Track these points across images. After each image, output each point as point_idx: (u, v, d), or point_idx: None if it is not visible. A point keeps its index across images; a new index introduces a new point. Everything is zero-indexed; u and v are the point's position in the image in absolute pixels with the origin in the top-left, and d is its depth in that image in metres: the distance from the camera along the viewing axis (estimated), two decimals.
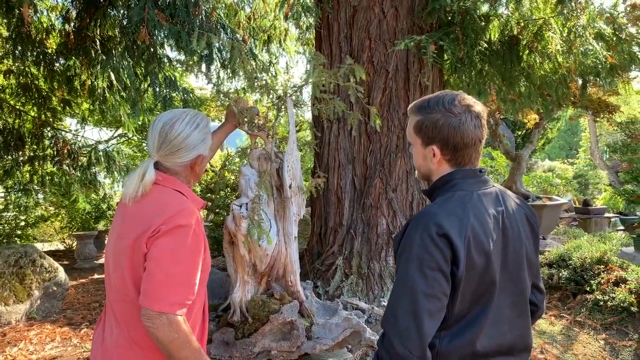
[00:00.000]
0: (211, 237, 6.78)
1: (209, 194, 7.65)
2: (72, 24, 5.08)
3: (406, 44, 3.63)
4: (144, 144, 10.47)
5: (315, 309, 2.67)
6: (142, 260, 1.42)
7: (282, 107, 2.73)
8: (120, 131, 10.31)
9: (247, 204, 2.42)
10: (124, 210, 1.53)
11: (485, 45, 4.26)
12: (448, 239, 1.30)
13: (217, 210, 7.41)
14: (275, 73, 6.00)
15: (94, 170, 6.57)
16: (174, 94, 4.35)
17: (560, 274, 5.15)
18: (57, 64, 5.65)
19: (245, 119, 2.60)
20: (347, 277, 4.13)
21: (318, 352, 2.41)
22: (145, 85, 4.48)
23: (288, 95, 2.66)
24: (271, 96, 2.78)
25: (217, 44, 4.10)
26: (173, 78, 4.30)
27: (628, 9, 6.35)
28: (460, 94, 1.47)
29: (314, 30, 4.98)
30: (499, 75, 4.55)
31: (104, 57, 4.82)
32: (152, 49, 4.48)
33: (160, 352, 1.41)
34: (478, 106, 1.46)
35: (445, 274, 1.30)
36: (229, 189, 7.62)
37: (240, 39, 5.30)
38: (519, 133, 17.20)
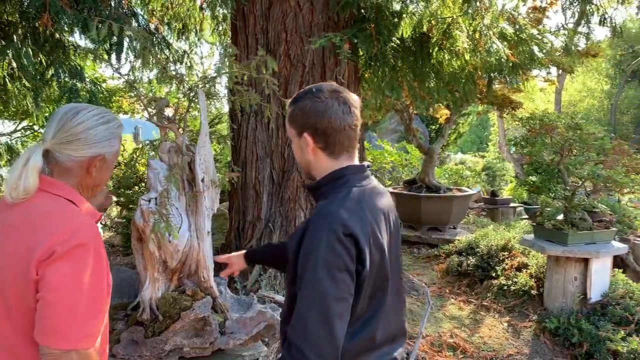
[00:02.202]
0: (125, 234, 6.52)
1: (121, 189, 7.35)
2: None
3: (321, 43, 3.65)
4: None
5: (229, 304, 2.64)
6: (31, 288, 1.19)
7: (194, 98, 2.67)
8: (25, 123, 9.63)
9: (155, 198, 2.34)
10: (6, 215, 1.28)
11: (398, 42, 4.38)
12: (354, 238, 1.30)
13: (130, 206, 7.13)
14: (191, 64, 5.84)
15: None
16: (79, 85, 4.11)
17: (469, 261, 5.43)
18: None
19: (154, 110, 2.52)
20: (265, 271, 4.11)
21: (232, 347, 2.38)
22: (49, 75, 4.21)
23: (199, 86, 2.60)
24: (182, 87, 2.70)
25: (129, 33, 3.93)
26: (79, 67, 4.07)
27: (529, 10, 6.76)
28: (331, 84, 1.49)
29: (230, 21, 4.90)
30: (410, 71, 4.70)
31: (3, 43, 4.48)
32: (56, 36, 4.21)
33: None
34: (347, 94, 1.47)
35: (351, 274, 1.30)
36: (143, 183, 7.36)
37: (154, 27, 5.11)
38: (433, 128, 17.89)
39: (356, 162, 1.52)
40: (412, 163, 10.44)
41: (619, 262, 5.35)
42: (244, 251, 2.08)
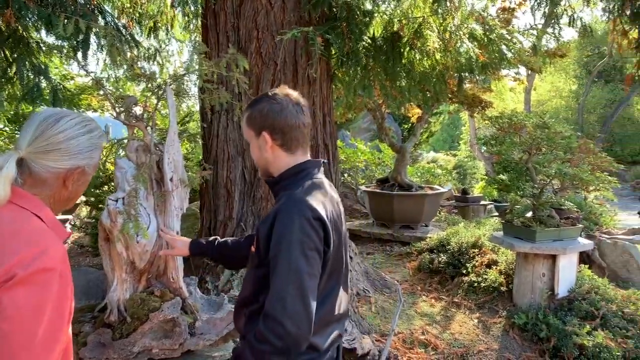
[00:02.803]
0: (94, 235, 6.39)
1: (92, 189, 7.22)
2: None
3: (294, 35, 3.63)
4: (17, 135, 9.60)
5: (199, 305, 2.61)
6: None
7: (163, 96, 2.63)
8: None
9: (123, 198, 2.30)
10: None
11: (370, 41, 4.39)
12: (321, 221, 1.47)
13: (99, 206, 6.99)
14: (162, 61, 5.75)
15: None
16: (44, 84, 4.00)
17: (440, 259, 5.49)
18: None
19: (122, 109, 2.47)
20: (237, 271, 4.08)
21: (202, 347, 2.36)
22: (12, 72, 4.09)
23: (168, 84, 2.56)
24: (150, 85, 2.66)
25: (97, 30, 3.85)
26: (43, 65, 3.96)
27: (499, 11, 6.86)
28: (284, 90, 1.69)
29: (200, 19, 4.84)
30: (382, 70, 4.72)
31: None
32: (20, 33, 4.10)
33: None
34: (299, 97, 1.68)
35: (320, 253, 1.46)
36: (112, 182, 7.23)
37: (121, 25, 5.02)
38: (406, 127, 18.05)
39: (309, 157, 1.71)
40: (385, 162, 10.50)
41: (585, 258, 5.49)
42: (189, 240, 2.15)
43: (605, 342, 3.65)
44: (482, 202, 10.42)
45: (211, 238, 2.10)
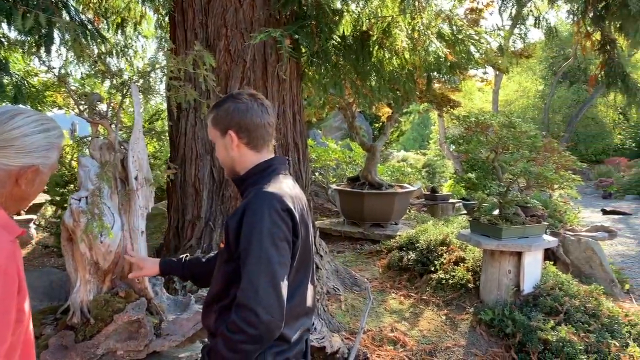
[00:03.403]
0: (59, 235, 6.24)
1: (57, 188, 7.05)
2: None
3: (261, 38, 3.61)
4: None
5: (165, 305, 2.58)
6: None
7: (128, 93, 2.58)
8: None
9: (86, 197, 2.25)
10: None
11: (339, 39, 4.40)
12: (290, 213, 1.51)
13: (65, 205, 6.84)
14: (130, 58, 5.65)
15: None
16: (5, 79, 3.88)
17: (409, 256, 5.54)
18: None
19: (85, 106, 2.42)
20: None
21: (167, 348, 2.32)
22: None
23: (133, 81, 2.51)
24: (115, 82, 2.61)
25: (59, 24, 3.75)
26: (4, 60, 3.84)
27: (467, 11, 6.96)
28: (248, 90, 1.72)
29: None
30: (352, 69, 4.73)
31: None
32: None
33: None
34: (263, 98, 1.71)
35: (289, 244, 1.51)
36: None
37: (87, 19, 4.90)
38: (376, 126, 18.14)
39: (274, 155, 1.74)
40: (356, 160, 10.53)
41: (550, 255, 5.61)
42: (158, 259, 2.11)
43: (569, 337, 3.73)
44: (451, 201, 10.55)
45: (181, 256, 2.08)
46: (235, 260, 1.53)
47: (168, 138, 4.53)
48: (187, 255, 2.07)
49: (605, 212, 12.42)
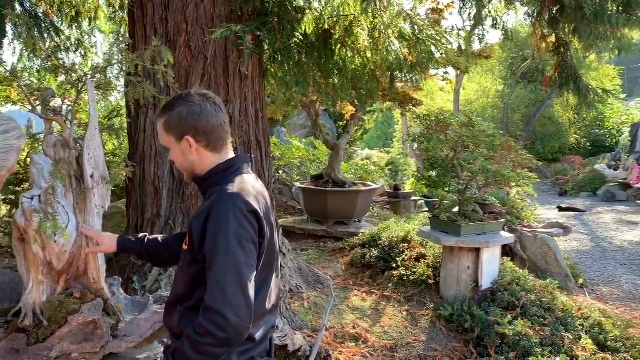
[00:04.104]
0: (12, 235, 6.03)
1: (11, 186, 6.82)
2: None
3: (222, 33, 3.58)
4: None
5: (123, 306, 2.53)
6: None
7: (83, 89, 2.51)
8: None
9: (39, 196, 2.18)
10: None
11: (302, 37, 4.39)
12: (256, 214, 1.50)
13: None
14: (85, 53, 5.50)
15: None
16: None
17: (372, 254, 5.59)
18: None
19: (38, 102, 2.35)
20: (165, 270, 3.98)
21: (125, 350, 2.28)
22: None
23: (88, 77, 2.45)
24: (69, 77, 2.54)
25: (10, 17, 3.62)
26: None
27: (429, 12, 7.05)
28: (195, 88, 1.69)
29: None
30: (315, 67, 4.73)
31: None
32: None
33: None
34: (214, 96, 1.68)
35: (256, 245, 1.50)
36: None
37: (41, 12, 4.76)
38: (341, 124, 18.23)
39: (234, 154, 1.72)
40: (320, 158, 10.56)
41: (507, 251, 5.75)
42: (116, 235, 2.08)
43: (525, 331, 3.84)
44: (413, 198, 10.70)
45: (140, 235, 2.05)
46: (199, 262, 1.52)
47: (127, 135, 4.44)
48: (146, 235, 2.05)
49: (561, 209, 12.81)
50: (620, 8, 5.02)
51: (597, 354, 3.79)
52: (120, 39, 2.52)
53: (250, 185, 1.59)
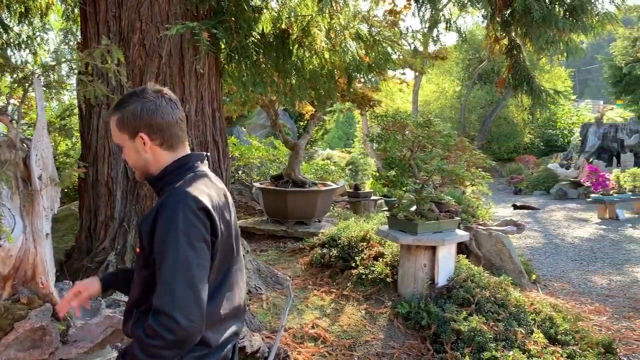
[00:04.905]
0: None
1: None
2: None
3: (178, 30, 3.53)
4: None
5: (73, 311, 2.46)
6: None
7: (30, 88, 2.44)
8: None
9: None
10: None
11: (259, 37, 4.38)
12: (207, 212, 1.44)
13: None
14: (35, 50, 5.32)
15: None
16: None
17: (331, 253, 5.61)
18: None
19: None
20: None
21: (75, 355, 2.22)
22: None
23: (36, 75, 2.37)
24: (16, 76, 2.46)
25: None
26: None
27: (386, 13, 7.13)
28: (150, 84, 1.62)
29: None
30: (273, 66, 4.72)
31: None
32: None
33: None
34: (167, 91, 1.62)
35: (208, 244, 1.44)
36: None
37: None
38: (302, 124, 18.25)
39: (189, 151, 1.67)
40: (280, 158, 10.54)
41: (463, 249, 5.87)
42: (97, 277, 1.87)
43: (479, 326, 3.93)
44: (373, 197, 10.80)
45: (121, 267, 1.98)
46: (151, 264, 1.47)
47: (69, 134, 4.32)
48: (126, 267, 1.98)
49: (515, 207, 13.19)
50: (567, 13, 5.20)
51: (548, 347, 3.92)
52: (70, 36, 2.45)
53: (202, 182, 1.54)
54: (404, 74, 8.19)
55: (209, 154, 1.73)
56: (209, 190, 1.52)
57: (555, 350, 3.92)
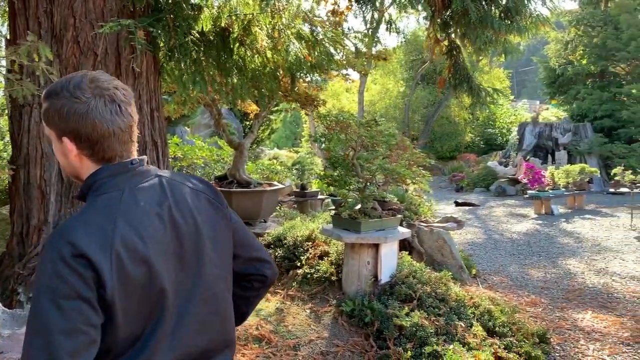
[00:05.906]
0: None
1: None
2: None
3: (112, 28, 3.42)
4: None
5: (2, 320, 2.35)
6: None
7: None
8: None
9: None
10: None
11: (199, 35, 4.31)
12: (86, 259, 1.10)
13: None
14: None
15: None
16: None
17: (277, 253, 5.59)
18: None
19: None
20: None
21: None
22: None
23: None
24: None
25: None
26: None
27: (329, 14, 7.17)
28: (93, 74, 1.27)
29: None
30: (214, 65, 4.66)
31: None
32: None
33: None
34: (115, 89, 1.27)
35: (89, 301, 1.10)
36: None
37: None
38: (247, 123, 18.11)
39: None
40: (224, 159, 10.42)
41: (406, 245, 6.00)
42: None
43: (421, 322, 4.02)
44: (320, 197, 10.86)
45: None
46: None
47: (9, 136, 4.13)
48: None
49: (457, 204, 13.60)
50: (503, 15, 5.41)
51: (486, 340, 4.06)
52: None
53: (104, 210, 1.19)
54: (347, 74, 8.25)
55: (144, 157, 1.38)
56: (108, 221, 1.17)
57: (494, 342, 4.06)
